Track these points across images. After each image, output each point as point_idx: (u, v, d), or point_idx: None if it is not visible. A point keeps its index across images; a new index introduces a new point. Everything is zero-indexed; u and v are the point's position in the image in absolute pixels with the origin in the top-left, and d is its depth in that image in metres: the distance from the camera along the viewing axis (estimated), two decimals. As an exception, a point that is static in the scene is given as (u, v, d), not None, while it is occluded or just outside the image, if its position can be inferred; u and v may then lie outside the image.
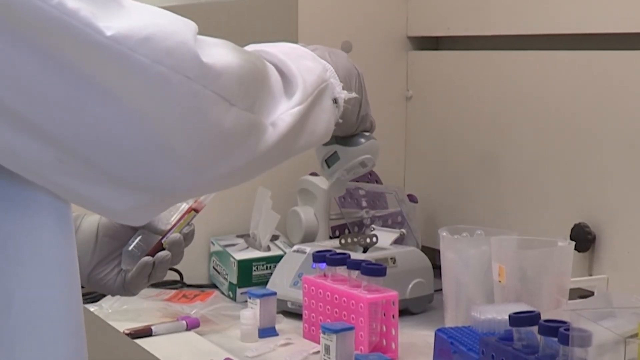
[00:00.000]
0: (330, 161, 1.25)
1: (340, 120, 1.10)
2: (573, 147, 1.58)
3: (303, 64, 1.01)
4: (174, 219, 1.14)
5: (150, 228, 1.13)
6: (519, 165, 1.70)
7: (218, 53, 0.81)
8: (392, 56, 2.00)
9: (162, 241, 1.12)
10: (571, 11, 1.59)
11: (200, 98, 0.78)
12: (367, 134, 1.23)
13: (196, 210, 1.15)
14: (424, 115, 1.97)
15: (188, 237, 1.14)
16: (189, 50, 0.77)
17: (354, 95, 1.13)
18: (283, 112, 0.92)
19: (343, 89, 1.09)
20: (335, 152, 1.24)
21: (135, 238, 1.13)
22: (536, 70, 1.67)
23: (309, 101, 0.97)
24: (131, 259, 1.12)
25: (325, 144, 1.23)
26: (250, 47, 1.01)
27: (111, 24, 0.73)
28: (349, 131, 1.21)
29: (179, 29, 0.78)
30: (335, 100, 1.07)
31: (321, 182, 1.86)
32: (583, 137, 1.56)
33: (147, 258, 1.11)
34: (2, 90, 0.72)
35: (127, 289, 1.12)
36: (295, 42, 1.99)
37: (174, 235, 1.12)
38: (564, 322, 1.08)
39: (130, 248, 1.12)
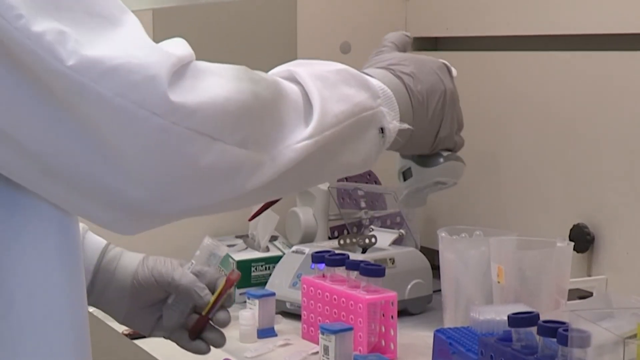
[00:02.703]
0: (406, 174, 1.11)
1: (386, 148, 0.98)
2: (572, 147, 1.58)
3: (338, 91, 0.92)
4: (206, 291, 1.14)
5: (190, 301, 1.13)
6: (518, 166, 1.70)
7: (202, 87, 0.77)
8: (392, 57, 2.00)
9: (209, 317, 1.14)
10: (570, 12, 1.59)
11: (169, 134, 0.74)
12: (445, 153, 1.09)
13: (234, 281, 1.15)
14: (423, 116, 1.97)
15: (230, 302, 1.17)
16: (156, 86, 0.73)
17: (405, 126, 0.98)
18: (288, 146, 0.85)
19: (401, 119, 0.98)
20: (410, 168, 1.10)
21: (177, 304, 1.14)
22: (535, 70, 1.67)
23: (328, 134, 0.88)
24: (174, 320, 1.15)
25: (404, 157, 1.11)
26: (292, 65, 0.94)
27: (78, 51, 0.71)
28: (423, 151, 1.08)
29: (153, 62, 0.74)
30: (382, 130, 0.96)
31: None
32: (582, 137, 1.56)
33: (204, 346, 1.15)
34: None
35: (165, 337, 1.17)
36: (294, 42, 1.99)
37: (222, 315, 1.13)
38: (563, 323, 1.08)
39: (172, 311, 1.14)
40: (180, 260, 1.16)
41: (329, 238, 1.86)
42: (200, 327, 1.14)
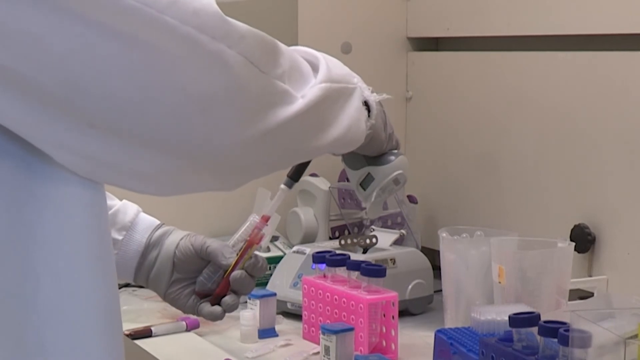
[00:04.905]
0: (364, 183, 1.30)
1: (373, 121, 1.14)
2: (573, 148, 1.58)
3: (330, 60, 1.04)
4: (232, 255, 1.23)
5: (215, 262, 1.22)
6: (519, 166, 1.70)
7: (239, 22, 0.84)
8: (392, 57, 2.00)
9: (229, 279, 1.22)
10: (571, 12, 1.59)
11: (226, 57, 0.80)
12: (395, 151, 1.29)
13: (255, 243, 1.24)
14: (424, 116, 1.97)
15: (257, 269, 1.23)
16: (214, 10, 0.80)
17: (385, 96, 1.16)
18: (313, 85, 0.96)
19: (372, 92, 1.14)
20: (369, 173, 1.29)
21: (207, 270, 1.23)
22: (536, 71, 1.67)
23: (336, 87, 1.00)
24: (202, 285, 1.23)
25: (358, 169, 1.29)
26: None
27: None
28: (380, 149, 1.25)
29: None
30: (365, 103, 1.12)
31: (321, 183, 1.86)
32: (583, 138, 1.56)
33: (219, 311, 1.22)
34: (42, 66, 0.73)
35: (199, 314, 1.24)
36: (295, 42, 2.00)
37: (236, 273, 1.22)
38: (563, 323, 1.08)
39: (201, 278, 1.23)
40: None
41: (330, 238, 1.86)
42: (222, 292, 1.22)
